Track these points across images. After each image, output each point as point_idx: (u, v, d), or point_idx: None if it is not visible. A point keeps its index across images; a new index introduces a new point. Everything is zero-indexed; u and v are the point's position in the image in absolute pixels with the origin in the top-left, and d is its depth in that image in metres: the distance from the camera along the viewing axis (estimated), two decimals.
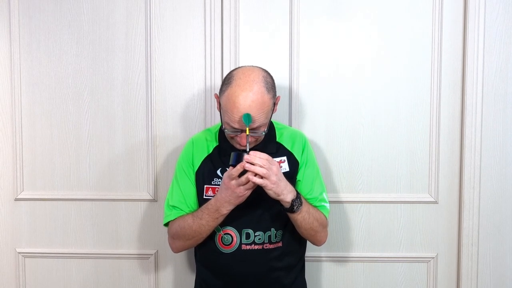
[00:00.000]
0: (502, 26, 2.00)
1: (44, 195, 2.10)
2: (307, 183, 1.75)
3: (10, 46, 2.07)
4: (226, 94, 1.59)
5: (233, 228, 1.69)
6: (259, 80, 1.60)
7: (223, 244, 1.70)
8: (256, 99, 1.56)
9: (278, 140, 1.77)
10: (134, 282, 2.13)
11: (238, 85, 1.58)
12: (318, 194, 1.75)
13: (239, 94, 1.56)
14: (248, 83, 1.58)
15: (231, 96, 1.57)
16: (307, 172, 1.76)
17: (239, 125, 1.58)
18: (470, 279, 2.07)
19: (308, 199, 1.72)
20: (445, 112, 2.04)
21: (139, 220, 2.11)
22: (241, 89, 1.57)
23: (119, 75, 2.07)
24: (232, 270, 1.70)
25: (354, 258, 2.10)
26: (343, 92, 2.05)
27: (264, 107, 1.58)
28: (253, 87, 1.57)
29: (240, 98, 1.56)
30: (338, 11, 2.03)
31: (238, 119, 1.56)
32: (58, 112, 2.08)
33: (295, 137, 1.80)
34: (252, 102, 1.56)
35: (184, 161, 1.77)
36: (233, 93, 1.57)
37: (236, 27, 2.03)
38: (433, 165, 2.06)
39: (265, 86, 1.60)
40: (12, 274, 2.14)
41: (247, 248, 1.69)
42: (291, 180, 1.69)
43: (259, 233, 1.68)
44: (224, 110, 1.61)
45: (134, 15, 2.05)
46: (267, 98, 1.59)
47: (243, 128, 1.58)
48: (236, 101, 1.56)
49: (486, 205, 2.05)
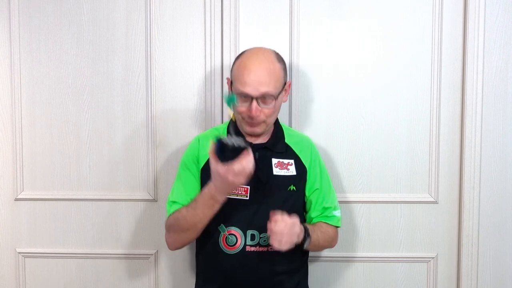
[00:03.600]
0: (502, 26, 2.00)
1: (44, 195, 2.10)
2: (325, 193, 1.79)
3: (10, 46, 2.07)
4: (237, 62, 1.67)
5: (238, 229, 1.68)
6: (270, 51, 1.70)
7: (227, 245, 1.68)
8: (267, 62, 1.63)
9: (287, 141, 1.78)
10: (134, 282, 2.13)
11: (249, 52, 1.69)
12: (334, 203, 1.81)
13: (250, 57, 1.65)
14: (260, 50, 1.68)
15: (242, 61, 1.65)
16: (324, 181, 1.80)
17: (250, 88, 1.60)
18: (470, 279, 2.07)
19: (325, 207, 1.77)
20: (445, 112, 2.04)
21: (139, 220, 2.11)
22: (251, 54, 1.67)
23: (119, 75, 2.07)
24: (235, 271, 1.68)
25: (354, 258, 2.10)
26: (343, 92, 2.05)
27: (274, 73, 1.63)
28: (264, 53, 1.67)
29: (250, 60, 1.63)
30: (338, 11, 2.03)
31: (249, 81, 1.60)
32: (58, 112, 2.08)
33: (302, 141, 1.82)
34: (262, 63, 1.62)
35: (188, 158, 1.76)
36: (244, 58, 1.66)
37: (236, 27, 2.03)
38: (433, 165, 2.06)
39: (276, 57, 1.68)
40: (12, 274, 2.14)
41: (252, 249, 1.67)
42: (297, 183, 1.71)
43: (264, 235, 1.66)
44: (235, 79, 1.65)
45: (134, 15, 2.05)
46: (277, 67, 1.65)
47: (253, 92, 1.60)
48: (247, 63, 1.63)
49: (486, 205, 2.05)
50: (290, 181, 1.72)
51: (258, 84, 1.60)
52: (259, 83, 1.60)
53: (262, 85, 1.60)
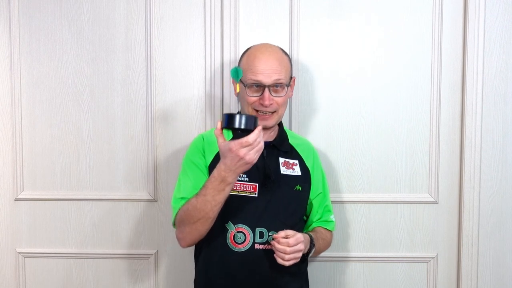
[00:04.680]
0: (502, 26, 2.01)
1: (44, 195, 2.10)
2: (326, 197, 1.85)
3: (10, 46, 2.07)
4: (246, 55, 1.72)
5: (246, 227, 1.65)
6: (277, 46, 1.76)
7: (235, 242, 1.65)
8: (275, 53, 1.69)
9: (291, 142, 1.80)
10: (134, 282, 2.13)
11: (257, 45, 1.75)
12: (331, 208, 1.87)
13: (260, 49, 1.70)
14: (267, 44, 1.76)
15: (251, 53, 1.70)
16: (325, 186, 1.86)
17: (262, 75, 1.64)
18: (470, 279, 2.07)
19: (326, 212, 1.83)
20: (445, 112, 2.04)
21: (139, 220, 2.11)
22: (260, 46, 1.73)
23: (119, 75, 2.07)
24: (242, 270, 1.66)
25: (354, 258, 2.10)
26: (343, 92, 2.05)
27: (284, 62, 1.69)
28: (272, 46, 1.74)
29: (261, 50, 1.69)
30: (338, 11, 2.03)
31: (261, 69, 1.64)
32: (58, 112, 2.08)
33: (304, 144, 1.85)
34: (272, 53, 1.68)
35: (193, 154, 1.72)
36: (253, 50, 1.71)
37: (236, 27, 2.03)
38: (433, 165, 2.06)
39: (282, 50, 1.74)
40: (12, 274, 2.14)
41: (260, 247, 1.65)
42: (303, 184, 1.73)
43: (273, 233, 1.63)
44: (245, 70, 1.66)
45: (134, 15, 2.05)
46: (286, 58, 1.72)
47: (265, 79, 1.64)
48: (257, 54, 1.67)
49: (486, 205, 2.05)
50: (296, 181, 1.73)
51: (270, 72, 1.64)
52: (272, 70, 1.64)
53: (274, 73, 1.64)
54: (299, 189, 1.73)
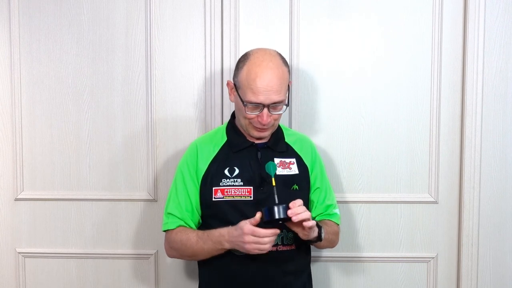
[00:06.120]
0: (502, 26, 2.01)
1: (44, 195, 2.10)
2: (326, 191, 1.81)
3: (10, 46, 2.07)
4: (245, 68, 1.63)
5: None
6: (275, 54, 1.67)
7: None
8: (276, 68, 1.61)
9: (287, 140, 1.79)
10: (134, 282, 2.13)
11: (256, 57, 1.63)
12: (334, 201, 1.82)
13: (259, 65, 1.61)
14: (266, 55, 1.64)
15: (251, 68, 1.61)
16: (324, 179, 1.82)
17: (264, 97, 1.59)
18: (470, 279, 2.07)
19: (327, 205, 1.78)
20: (445, 112, 2.04)
21: (139, 220, 2.11)
22: (259, 60, 1.62)
23: (119, 75, 2.07)
24: (244, 272, 1.66)
25: (354, 258, 2.10)
26: (343, 92, 2.05)
27: (283, 78, 1.63)
28: (272, 59, 1.63)
29: (260, 67, 1.60)
30: (338, 11, 2.03)
31: (262, 90, 1.59)
32: (58, 112, 2.08)
33: (301, 140, 1.83)
34: (272, 70, 1.60)
35: (186, 165, 1.74)
36: (253, 64, 1.62)
37: (236, 26, 2.03)
38: (433, 165, 2.06)
39: (281, 60, 1.66)
40: (12, 274, 2.14)
41: None
42: (300, 183, 1.72)
43: None
44: (244, 87, 1.62)
45: (134, 15, 2.05)
46: (285, 70, 1.65)
47: (266, 101, 1.60)
48: (257, 72, 1.60)
49: (486, 205, 2.05)
50: (293, 180, 1.72)
51: (270, 94, 1.60)
52: (272, 92, 1.60)
53: (274, 94, 1.60)
54: (296, 189, 1.72)
